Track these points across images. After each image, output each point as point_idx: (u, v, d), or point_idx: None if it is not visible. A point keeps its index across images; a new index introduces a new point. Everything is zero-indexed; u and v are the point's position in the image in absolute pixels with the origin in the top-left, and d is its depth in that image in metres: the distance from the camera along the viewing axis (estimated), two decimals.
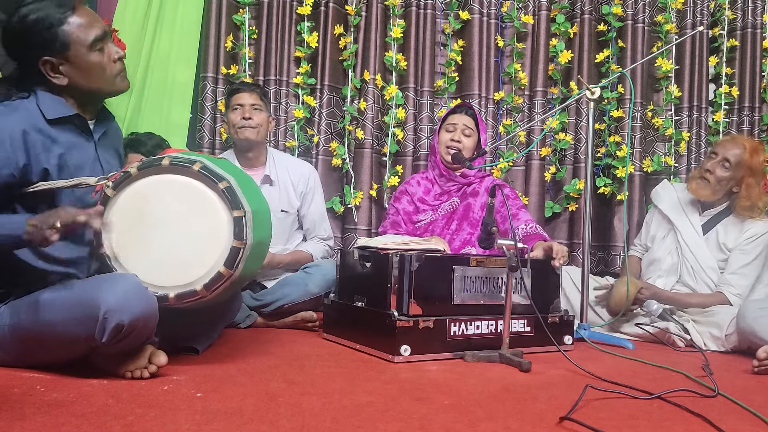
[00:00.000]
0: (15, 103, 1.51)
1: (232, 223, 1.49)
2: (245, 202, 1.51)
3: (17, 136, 1.45)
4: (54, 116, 1.53)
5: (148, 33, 2.89)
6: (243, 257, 1.50)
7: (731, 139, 2.65)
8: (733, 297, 2.45)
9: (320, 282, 2.41)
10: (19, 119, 1.47)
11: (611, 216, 3.16)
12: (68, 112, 1.55)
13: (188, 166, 1.51)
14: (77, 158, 1.57)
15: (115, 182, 1.50)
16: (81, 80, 1.55)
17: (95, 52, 1.53)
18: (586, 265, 2.36)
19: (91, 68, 1.54)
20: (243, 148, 2.59)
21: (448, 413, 1.27)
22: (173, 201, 1.52)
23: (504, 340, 1.88)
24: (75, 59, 1.52)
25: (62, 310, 1.36)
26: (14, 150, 1.45)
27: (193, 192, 1.51)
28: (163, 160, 1.51)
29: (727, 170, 2.52)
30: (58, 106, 1.54)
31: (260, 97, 2.59)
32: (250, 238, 1.50)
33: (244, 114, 2.52)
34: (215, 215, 1.50)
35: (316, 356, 1.86)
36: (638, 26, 3.19)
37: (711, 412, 1.31)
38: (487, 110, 3.15)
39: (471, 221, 2.56)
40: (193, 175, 1.51)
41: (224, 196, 1.50)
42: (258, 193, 1.73)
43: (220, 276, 1.49)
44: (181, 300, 1.49)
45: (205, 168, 1.51)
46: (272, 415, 1.19)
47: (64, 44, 1.50)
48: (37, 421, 1.07)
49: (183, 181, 1.52)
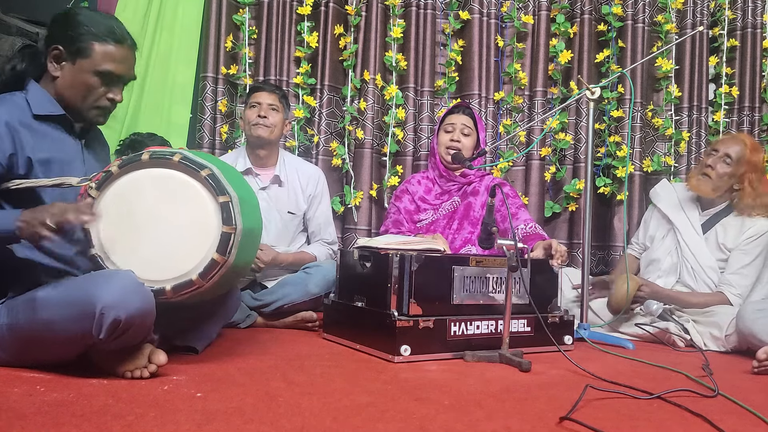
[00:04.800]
0: (4, 96, 1.55)
1: (219, 209, 1.50)
2: (230, 188, 1.52)
3: (1, 126, 1.47)
4: (41, 112, 1.56)
5: (148, 33, 2.89)
6: (235, 242, 1.50)
7: (731, 137, 2.65)
8: (734, 297, 2.45)
9: (320, 282, 2.41)
10: (3, 111, 1.50)
11: (611, 216, 3.16)
12: (56, 111, 1.59)
13: (168, 158, 1.52)
14: (64, 155, 1.59)
15: (98, 183, 1.51)
16: (66, 85, 1.59)
17: (95, 77, 1.58)
18: (586, 265, 2.37)
19: (81, 84, 1.58)
20: (255, 145, 2.60)
21: (448, 413, 1.27)
22: (158, 194, 1.52)
23: (504, 340, 1.88)
24: (79, 68, 1.57)
25: (59, 307, 1.36)
26: (1, 139, 1.47)
27: (177, 183, 1.52)
28: (142, 156, 1.52)
29: (729, 166, 2.52)
30: (47, 104, 1.58)
31: (279, 99, 2.60)
32: (239, 222, 1.50)
33: (260, 112, 2.53)
34: (201, 203, 1.51)
35: (316, 356, 1.86)
36: (638, 26, 3.19)
37: (711, 412, 1.31)
38: (487, 110, 3.16)
39: (472, 220, 2.57)
40: (174, 166, 1.52)
41: (208, 183, 1.50)
42: (243, 181, 1.73)
43: (214, 263, 1.48)
44: (179, 292, 1.48)
45: (185, 158, 1.52)
46: (272, 415, 1.19)
47: (83, 53, 1.56)
48: (37, 421, 1.07)
49: (165, 174, 1.52)
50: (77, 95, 1.59)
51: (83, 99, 1.60)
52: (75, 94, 1.59)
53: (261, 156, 2.61)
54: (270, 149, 2.63)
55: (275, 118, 2.56)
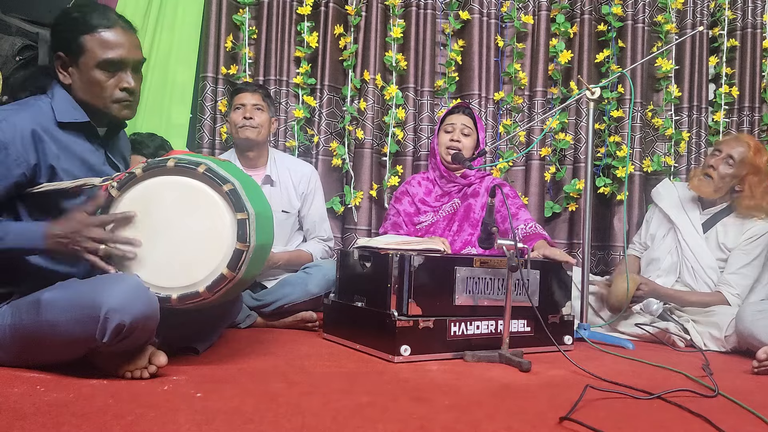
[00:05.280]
0: (29, 101, 1.54)
1: (236, 226, 1.49)
2: (249, 205, 1.51)
3: (27, 134, 1.46)
4: (66, 120, 1.54)
5: (148, 33, 2.89)
6: (246, 260, 1.50)
7: (735, 138, 2.65)
8: (732, 297, 2.45)
9: (320, 282, 2.41)
10: (28, 118, 1.48)
11: (611, 216, 3.16)
12: (81, 117, 1.57)
13: (193, 168, 1.51)
14: (88, 165, 1.58)
15: (120, 183, 1.51)
16: (79, 89, 1.57)
17: (101, 71, 1.55)
18: (586, 265, 2.37)
19: (90, 83, 1.55)
20: (243, 147, 2.60)
21: (449, 413, 1.27)
22: (177, 203, 1.52)
23: (504, 340, 1.88)
24: (82, 68, 1.55)
25: (63, 310, 1.36)
26: (25, 149, 1.46)
27: (198, 194, 1.51)
28: (168, 162, 1.52)
29: (731, 167, 2.52)
30: (71, 110, 1.56)
31: (263, 98, 2.59)
32: (253, 240, 1.51)
33: (246, 114, 2.52)
34: (219, 217, 1.50)
35: (316, 356, 1.86)
36: (638, 26, 3.19)
37: (711, 412, 1.31)
38: (487, 110, 3.15)
39: (472, 222, 2.56)
40: (198, 177, 1.51)
41: (228, 198, 1.50)
42: (261, 195, 1.73)
43: (223, 278, 1.49)
44: (184, 301, 1.49)
45: (209, 170, 1.51)
46: (272, 415, 1.19)
47: (78, 52, 1.54)
48: (37, 421, 1.07)
49: (187, 183, 1.52)
50: (92, 95, 1.56)
51: (99, 97, 1.56)
52: (90, 95, 1.56)
53: (250, 157, 2.61)
54: (259, 150, 2.62)
55: (261, 118, 2.55)
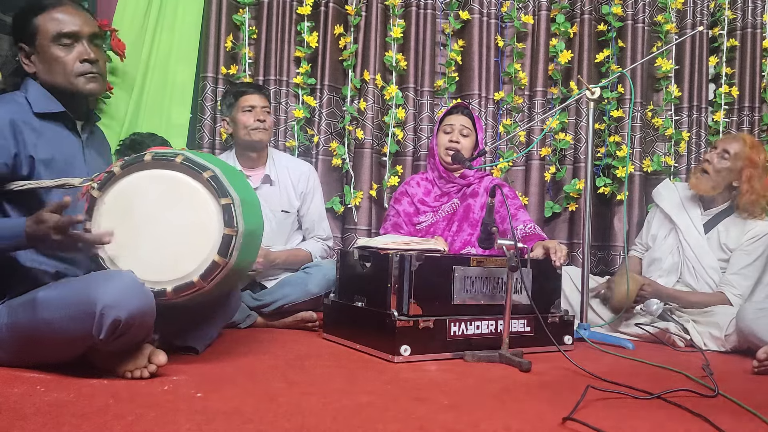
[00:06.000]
0: (5, 97, 1.56)
1: (221, 211, 1.50)
2: (232, 190, 1.52)
3: (5, 124, 1.48)
4: (41, 110, 1.56)
5: (148, 33, 2.89)
6: (236, 245, 1.50)
7: (732, 135, 2.67)
8: (734, 297, 2.45)
9: (320, 282, 2.41)
10: (6, 110, 1.51)
11: (611, 216, 3.16)
12: (56, 108, 1.59)
13: (171, 159, 1.51)
14: (65, 153, 1.59)
15: (100, 183, 1.51)
16: (43, 72, 1.58)
17: (58, 46, 1.56)
18: (586, 265, 2.36)
19: (51, 61, 1.57)
20: (250, 148, 2.60)
21: (448, 413, 1.27)
22: (160, 196, 1.52)
23: (504, 340, 1.88)
24: (40, 50, 1.57)
25: (59, 307, 1.36)
26: (5, 138, 1.47)
27: (179, 184, 1.52)
28: (145, 156, 1.52)
29: (726, 161, 2.51)
30: (46, 101, 1.58)
31: (268, 100, 2.63)
32: (241, 225, 1.51)
33: (258, 116, 2.54)
34: (203, 205, 1.51)
35: (316, 356, 1.86)
36: (638, 26, 3.19)
37: (711, 412, 1.31)
38: (487, 110, 3.15)
39: (471, 222, 2.56)
40: (177, 167, 1.52)
41: (210, 185, 1.50)
42: (245, 182, 1.73)
43: (216, 265, 1.49)
44: (179, 293, 1.48)
45: (187, 159, 1.52)
46: (272, 415, 1.19)
47: (33, 33, 1.56)
48: (37, 421, 1.07)
49: (167, 175, 1.52)
50: (55, 74, 1.57)
51: (62, 74, 1.57)
52: (53, 74, 1.57)
53: (254, 158, 2.62)
54: (262, 150, 2.64)
55: (270, 120, 2.60)
